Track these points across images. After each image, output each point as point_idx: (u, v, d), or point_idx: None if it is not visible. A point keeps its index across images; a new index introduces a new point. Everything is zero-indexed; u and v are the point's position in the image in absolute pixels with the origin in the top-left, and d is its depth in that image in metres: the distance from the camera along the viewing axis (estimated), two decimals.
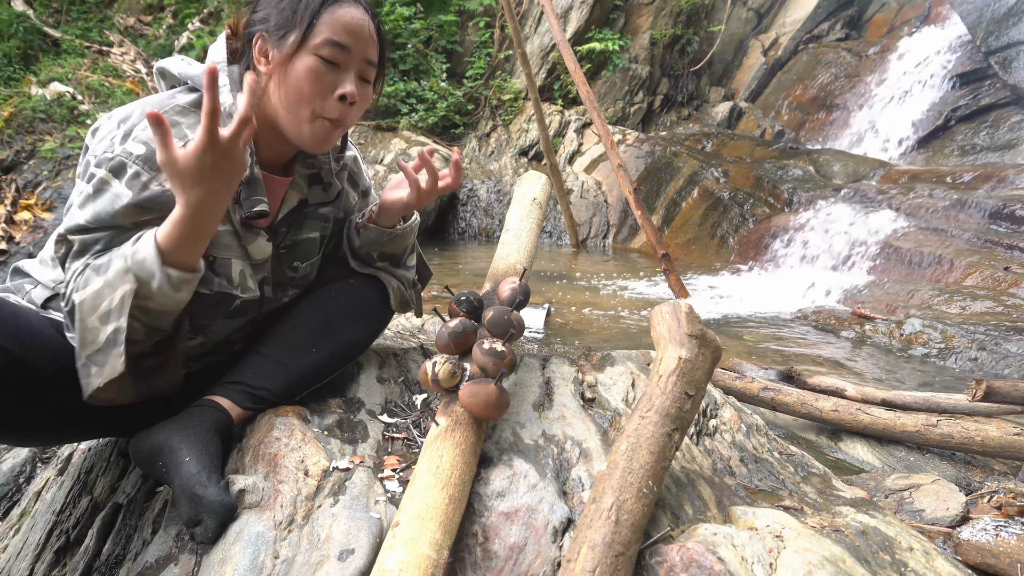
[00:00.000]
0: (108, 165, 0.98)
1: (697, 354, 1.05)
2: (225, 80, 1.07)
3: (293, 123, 1.07)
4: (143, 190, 0.98)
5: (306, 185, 1.22)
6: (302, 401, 1.19)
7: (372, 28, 1.09)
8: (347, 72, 1.07)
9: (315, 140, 1.09)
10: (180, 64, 1.11)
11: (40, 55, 6.60)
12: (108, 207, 0.98)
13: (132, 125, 1.01)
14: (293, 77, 1.04)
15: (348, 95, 1.06)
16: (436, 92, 7.76)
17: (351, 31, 1.05)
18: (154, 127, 0.84)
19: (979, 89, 6.46)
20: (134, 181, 0.98)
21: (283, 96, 1.05)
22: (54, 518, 1.32)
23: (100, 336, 0.94)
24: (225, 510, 0.89)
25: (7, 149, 5.27)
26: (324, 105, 1.06)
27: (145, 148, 0.99)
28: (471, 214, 7.18)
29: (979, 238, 4.35)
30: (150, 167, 0.99)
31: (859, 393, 2.22)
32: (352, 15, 1.06)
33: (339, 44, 1.04)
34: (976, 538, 1.28)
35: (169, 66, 1.11)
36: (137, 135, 1.00)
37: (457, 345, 1.16)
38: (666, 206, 6.51)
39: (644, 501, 0.85)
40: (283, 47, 1.04)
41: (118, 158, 0.98)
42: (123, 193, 0.98)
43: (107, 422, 1.16)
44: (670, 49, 8.52)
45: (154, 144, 0.97)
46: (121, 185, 0.98)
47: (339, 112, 1.07)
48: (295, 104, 1.05)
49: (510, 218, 1.75)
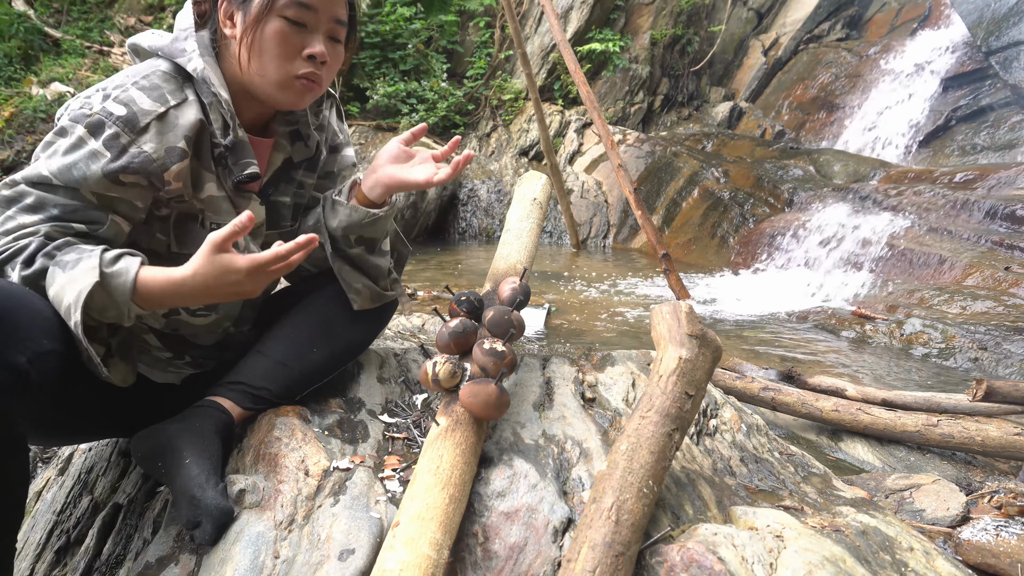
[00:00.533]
0: (85, 122, 0.95)
1: (697, 354, 1.05)
2: (194, 46, 1.04)
3: (264, 86, 1.05)
4: (121, 153, 0.95)
5: (289, 143, 1.20)
6: (302, 401, 1.19)
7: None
8: (315, 32, 1.05)
9: (288, 98, 1.07)
10: (151, 37, 1.09)
11: (41, 55, 6.60)
12: (82, 166, 0.94)
13: (112, 87, 0.99)
14: (260, 41, 1.02)
15: (317, 55, 1.04)
16: (436, 92, 7.76)
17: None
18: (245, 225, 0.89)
19: (979, 89, 6.46)
20: (113, 142, 0.95)
21: (252, 60, 1.03)
22: (55, 518, 1.32)
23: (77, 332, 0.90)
24: (222, 514, 0.89)
25: (8, 149, 5.27)
26: (293, 66, 1.04)
27: (126, 110, 0.96)
28: (471, 214, 7.18)
29: (979, 238, 4.35)
30: (131, 129, 0.96)
31: (859, 393, 2.21)
32: None
33: (304, 4, 1.02)
34: (976, 538, 1.28)
35: (140, 41, 1.09)
36: (118, 96, 0.97)
37: (457, 345, 1.16)
38: (666, 206, 6.51)
39: (644, 501, 0.85)
40: (248, 9, 1.01)
41: (96, 116, 0.95)
42: (100, 152, 0.95)
43: (111, 422, 1.16)
44: (670, 49, 8.52)
45: (135, 107, 0.96)
46: (98, 144, 0.95)
47: (309, 70, 1.05)
48: (265, 68, 1.03)
49: (510, 218, 1.75)
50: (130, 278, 0.90)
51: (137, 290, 0.91)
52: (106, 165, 0.95)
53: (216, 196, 1.08)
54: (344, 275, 1.25)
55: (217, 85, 1.04)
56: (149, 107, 0.98)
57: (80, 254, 0.91)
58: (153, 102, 0.99)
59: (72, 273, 0.89)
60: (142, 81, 1.00)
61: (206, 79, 1.03)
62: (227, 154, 1.07)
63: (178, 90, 1.02)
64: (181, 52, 1.04)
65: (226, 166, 1.08)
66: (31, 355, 0.84)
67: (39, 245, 0.92)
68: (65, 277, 0.89)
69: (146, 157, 0.97)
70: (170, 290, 0.92)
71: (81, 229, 0.96)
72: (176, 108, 1.01)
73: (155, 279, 0.92)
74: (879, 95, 7.28)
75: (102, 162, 0.94)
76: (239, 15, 1.03)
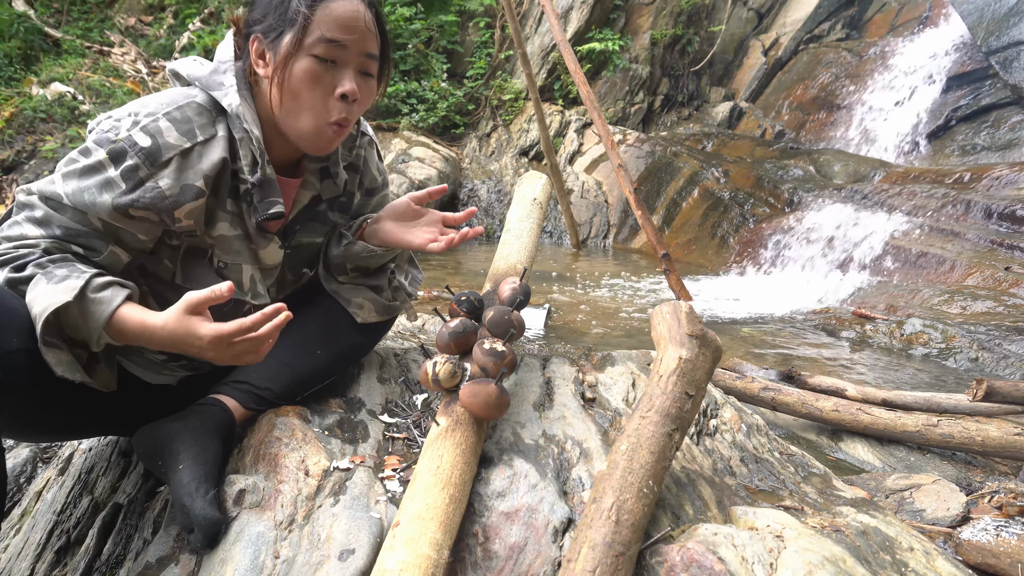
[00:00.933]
0: (108, 147, 0.95)
1: (697, 354, 1.05)
2: (232, 80, 1.04)
3: (295, 128, 1.04)
4: (136, 187, 0.95)
5: (318, 180, 1.19)
6: (303, 401, 1.19)
7: (370, 18, 1.03)
8: (345, 69, 1.03)
9: (318, 145, 1.07)
10: (191, 66, 1.08)
11: (41, 55, 6.60)
12: (95, 193, 0.94)
13: (143, 115, 0.98)
14: (291, 81, 1.01)
15: (348, 93, 1.02)
16: (437, 92, 7.76)
17: (346, 25, 1.00)
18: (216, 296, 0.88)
19: (979, 89, 6.46)
20: (131, 173, 0.95)
21: (283, 100, 1.02)
22: (55, 518, 1.32)
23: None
24: (210, 525, 0.88)
25: (8, 149, 5.28)
26: (325, 108, 1.03)
27: (151, 142, 0.96)
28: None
29: (980, 238, 4.35)
30: (151, 163, 0.96)
31: (859, 393, 2.21)
32: (346, 8, 1.01)
33: (334, 41, 1.00)
34: (976, 538, 1.28)
35: (180, 68, 1.09)
36: (147, 125, 0.97)
37: (457, 345, 1.16)
38: (666, 206, 6.51)
39: (644, 501, 0.85)
40: (279, 48, 1.01)
41: (120, 144, 0.95)
42: (115, 182, 0.95)
43: (111, 420, 1.16)
44: (670, 49, 8.52)
45: (160, 140, 0.96)
46: (115, 173, 0.95)
47: (341, 112, 1.04)
48: (296, 109, 1.02)
49: (510, 218, 1.75)
50: (110, 309, 0.90)
51: (112, 323, 0.91)
52: (117, 197, 0.95)
53: (228, 236, 1.08)
54: (343, 293, 1.27)
55: (250, 122, 1.03)
56: (175, 141, 0.98)
57: (71, 271, 0.92)
58: (180, 136, 0.98)
59: (54, 286, 0.89)
60: (175, 112, 0.99)
61: (240, 115, 1.02)
62: (253, 191, 1.07)
63: (209, 125, 1.02)
64: (219, 85, 1.03)
65: (251, 203, 1.08)
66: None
67: (35, 256, 0.93)
68: (47, 288, 0.89)
69: (159, 193, 0.97)
70: (142, 334, 0.92)
71: (79, 252, 0.97)
72: (203, 145, 1.00)
73: (131, 318, 0.91)
74: (879, 95, 7.28)
75: (115, 193, 0.95)
76: (270, 54, 1.02)
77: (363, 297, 1.27)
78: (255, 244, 1.12)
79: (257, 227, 1.10)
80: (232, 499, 0.94)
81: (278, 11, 1.01)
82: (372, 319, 1.28)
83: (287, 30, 1.00)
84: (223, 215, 1.07)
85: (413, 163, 6.79)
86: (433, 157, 6.96)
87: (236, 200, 1.08)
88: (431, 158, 6.94)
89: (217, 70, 1.05)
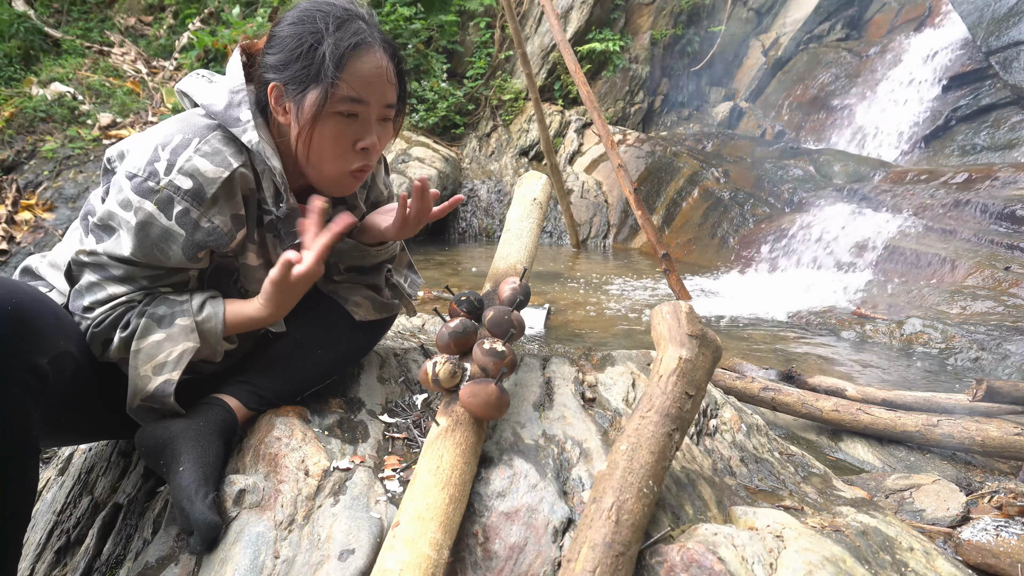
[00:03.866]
0: (154, 198, 0.95)
1: (697, 354, 1.05)
2: (248, 116, 1.02)
3: (317, 175, 1.07)
4: (195, 230, 0.98)
5: (331, 205, 1.19)
6: (303, 401, 1.19)
7: (392, 70, 1.03)
8: (367, 122, 1.03)
9: (339, 190, 1.10)
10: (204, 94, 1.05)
11: (41, 55, 6.60)
12: (163, 247, 0.97)
13: (176, 154, 0.97)
14: (315, 137, 1.01)
15: (370, 147, 1.04)
16: (436, 92, 7.75)
17: (370, 83, 1.00)
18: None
19: (979, 89, 6.45)
20: (185, 218, 0.97)
21: (306, 152, 1.03)
22: (55, 518, 1.32)
23: (150, 385, 1.00)
24: (209, 529, 0.89)
25: (8, 149, 5.27)
26: (347, 159, 1.04)
27: (192, 182, 0.96)
28: (471, 214, 7.18)
29: (980, 238, 4.34)
30: (198, 203, 0.97)
31: (859, 393, 2.21)
32: (371, 65, 1.00)
33: (359, 100, 1.00)
34: (976, 538, 1.28)
35: (193, 94, 1.06)
36: (182, 167, 0.96)
37: (457, 345, 1.16)
38: (666, 206, 6.51)
39: (644, 501, 0.85)
40: (302, 104, 1.00)
41: (164, 191, 0.95)
42: (175, 231, 0.97)
43: (116, 424, 1.16)
44: (670, 49, 8.52)
45: (200, 178, 0.96)
46: (171, 222, 0.96)
47: (363, 161, 1.06)
48: (318, 161, 1.04)
49: (510, 218, 1.75)
50: (219, 322, 1.03)
51: (227, 326, 1.05)
52: (184, 244, 0.98)
53: (252, 266, 1.11)
54: (340, 292, 1.28)
55: (270, 156, 1.03)
56: (213, 174, 0.98)
57: (171, 307, 1.01)
58: (216, 167, 0.98)
59: (169, 331, 1.00)
60: (204, 147, 0.98)
61: (260, 152, 1.02)
62: (279, 224, 1.10)
63: (238, 153, 1.02)
64: (236, 122, 1.01)
65: (276, 234, 1.11)
66: (51, 356, 0.88)
67: (135, 311, 1.00)
68: (161, 334, 0.99)
69: (216, 230, 1.00)
70: (259, 319, 1.06)
71: (168, 291, 1.04)
72: (238, 171, 1.01)
73: (237, 316, 1.05)
74: (879, 95, 7.27)
75: (180, 241, 0.98)
76: (292, 105, 1.01)
77: (361, 295, 1.28)
78: None
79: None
80: (232, 499, 0.94)
81: (303, 64, 0.99)
82: (371, 317, 1.28)
83: (311, 87, 0.99)
84: (250, 245, 1.10)
85: (413, 163, 6.79)
86: (433, 157, 6.96)
87: (260, 229, 1.10)
88: (431, 158, 6.94)
89: (232, 103, 1.02)
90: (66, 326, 0.96)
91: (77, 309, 1.01)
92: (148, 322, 0.99)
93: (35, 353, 0.85)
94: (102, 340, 1.00)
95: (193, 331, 1.01)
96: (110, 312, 0.99)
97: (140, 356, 0.99)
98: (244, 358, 1.20)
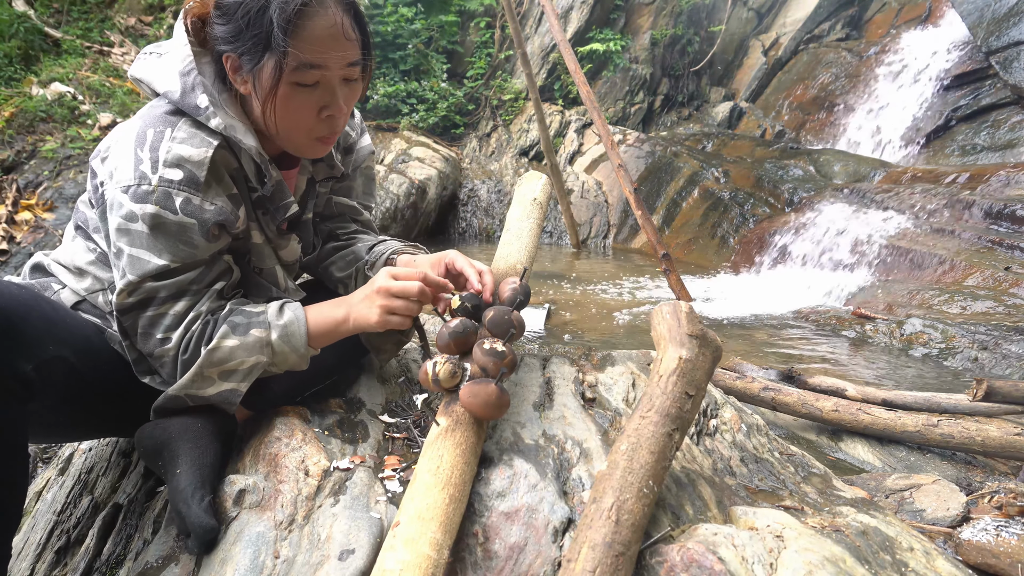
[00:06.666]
0: (152, 199, 0.94)
1: (697, 354, 1.05)
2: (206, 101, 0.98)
3: (287, 142, 1.06)
4: (202, 212, 0.97)
5: (310, 163, 1.21)
6: (303, 401, 1.19)
7: (348, 25, 0.96)
8: (330, 87, 0.99)
9: (311, 154, 1.09)
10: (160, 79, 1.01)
11: (41, 55, 6.60)
12: (186, 240, 0.96)
13: (155, 150, 0.95)
14: (278, 109, 0.99)
15: (336, 114, 1.02)
16: (437, 92, 7.75)
17: (325, 45, 0.94)
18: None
19: (979, 89, 6.45)
20: (189, 207, 0.96)
21: (273, 123, 1.01)
22: (55, 518, 1.32)
23: (210, 388, 1.01)
24: (204, 532, 0.89)
25: (8, 149, 5.27)
26: (313, 125, 1.02)
27: (182, 172, 0.95)
28: (471, 214, 7.18)
29: (980, 238, 4.34)
30: (195, 188, 0.96)
31: (860, 393, 2.21)
32: (324, 25, 0.93)
33: (316, 66, 0.95)
34: (977, 538, 1.28)
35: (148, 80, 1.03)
36: (166, 159, 0.95)
37: (458, 345, 1.16)
38: (666, 206, 6.50)
39: (644, 501, 0.85)
40: (259, 76, 0.96)
41: (159, 189, 0.94)
42: (186, 222, 0.96)
43: (117, 422, 1.16)
44: (671, 49, 8.52)
45: (188, 164, 0.95)
46: (180, 216, 0.95)
47: (330, 127, 1.04)
48: (285, 129, 1.02)
49: (510, 218, 1.75)
50: (303, 328, 1.04)
51: (311, 334, 1.05)
52: (200, 230, 0.97)
53: (258, 243, 1.12)
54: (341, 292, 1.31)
55: (242, 133, 1.00)
56: (199, 156, 0.96)
57: (247, 318, 1.02)
58: (198, 148, 0.97)
59: (244, 339, 1.00)
60: (178, 134, 0.97)
61: (230, 135, 1.00)
62: (266, 201, 1.10)
63: (213, 132, 1.00)
64: (196, 110, 0.98)
65: (266, 210, 1.11)
66: (37, 363, 0.87)
67: (211, 324, 1.01)
68: (235, 340, 1.00)
69: (219, 209, 0.99)
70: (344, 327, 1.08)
71: (219, 287, 1.04)
72: (218, 149, 0.99)
73: (322, 323, 1.06)
74: (879, 95, 7.27)
75: (196, 229, 0.97)
76: (249, 76, 0.98)
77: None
78: (276, 245, 1.15)
79: (277, 229, 1.14)
80: (232, 499, 0.94)
81: (252, 33, 0.93)
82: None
83: (266, 56, 0.94)
84: (251, 223, 1.10)
85: (413, 163, 6.79)
86: (433, 157, 6.96)
87: (251, 207, 1.10)
88: (431, 158, 6.94)
89: (186, 89, 0.98)
90: (59, 331, 0.94)
91: (154, 350, 1.00)
92: (226, 328, 1.00)
93: (19, 359, 0.84)
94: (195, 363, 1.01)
95: (267, 345, 1.01)
96: (186, 333, 0.99)
97: (211, 358, 0.99)
98: None
